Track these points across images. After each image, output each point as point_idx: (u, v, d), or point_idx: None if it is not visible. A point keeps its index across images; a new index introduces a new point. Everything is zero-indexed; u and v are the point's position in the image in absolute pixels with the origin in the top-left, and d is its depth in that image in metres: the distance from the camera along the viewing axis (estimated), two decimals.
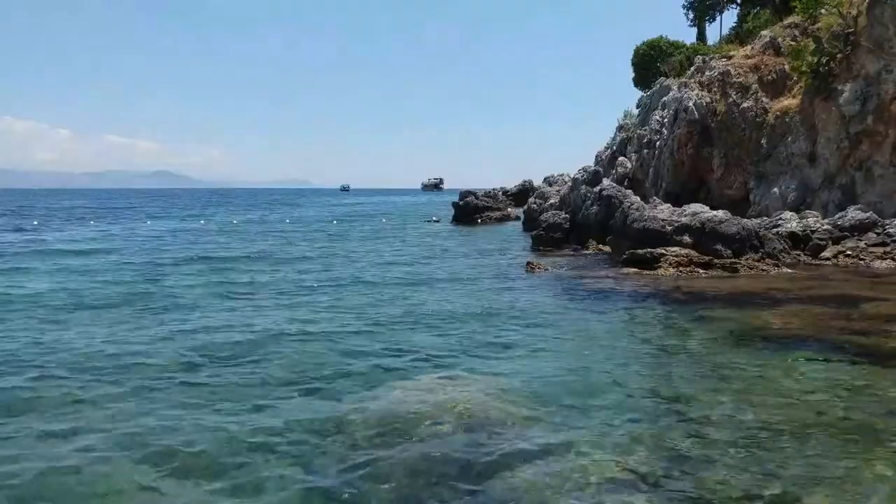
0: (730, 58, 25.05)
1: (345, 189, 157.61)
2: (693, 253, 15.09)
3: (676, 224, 15.94)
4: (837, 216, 17.57)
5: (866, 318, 9.61)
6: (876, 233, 16.45)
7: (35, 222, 35.65)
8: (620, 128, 34.11)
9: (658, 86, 30.18)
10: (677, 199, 21.74)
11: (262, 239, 26.16)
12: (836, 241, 16.51)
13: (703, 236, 15.60)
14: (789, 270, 14.65)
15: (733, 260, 14.87)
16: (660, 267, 14.75)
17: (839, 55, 19.50)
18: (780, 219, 18.12)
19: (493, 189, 45.38)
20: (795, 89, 22.10)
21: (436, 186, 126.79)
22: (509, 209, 37.06)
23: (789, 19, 24.01)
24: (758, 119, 22.51)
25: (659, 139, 27.08)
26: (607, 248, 18.52)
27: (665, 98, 27.55)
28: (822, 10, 20.65)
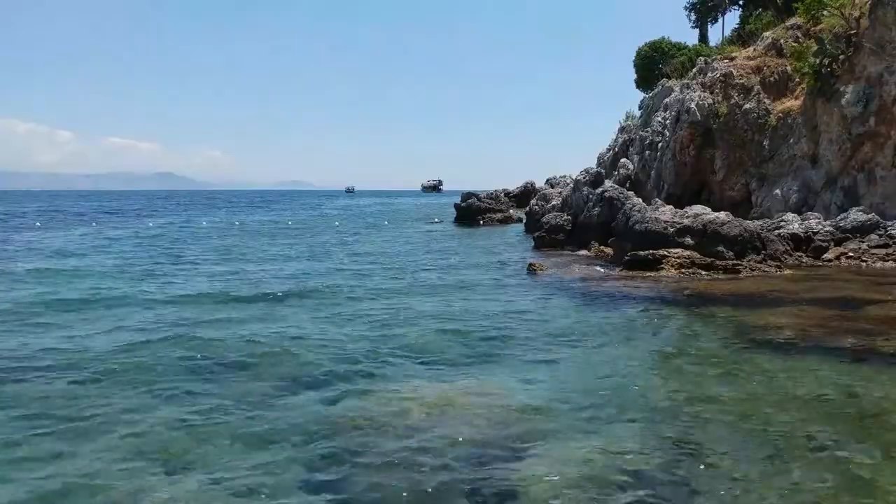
0: (732, 59, 25.05)
1: (350, 191, 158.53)
2: (695, 255, 15.09)
3: (678, 226, 15.93)
4: (839, 217, 17.56)
5: (869, 320, 9.61)
6: (878, 234, 16.44)
7: (38, 224, 35.72)
8: (622, 129, 34.15)
9: (660, 87, 30.20)
10: (679, 201, 21.75)
11: (268, 241, 26.18)
12: (839, 243, 16.50)
13: (705, 238, 15.59)
14: (791, 272, 14.64)
15: (735, 262, 14.86)
16: (662, 269, 14.75)
17: (841, 56, 19.51)
18: (782, 220, 18.12)
19: (495, 190, 45.36)
20: (797, 91, 22.11)
21: (435, 188, 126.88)
22: (511, 211, 37.03)
23: (791, 20, 24.01)
24: (760, 120, 22.51)
25: (661, 141, 27.09)
26: (609, 250, 18.51)
27: (667, 99, 27.56)
28: (825, 12, 20.65)
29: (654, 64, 36.05)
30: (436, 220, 37.88)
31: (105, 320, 9.89)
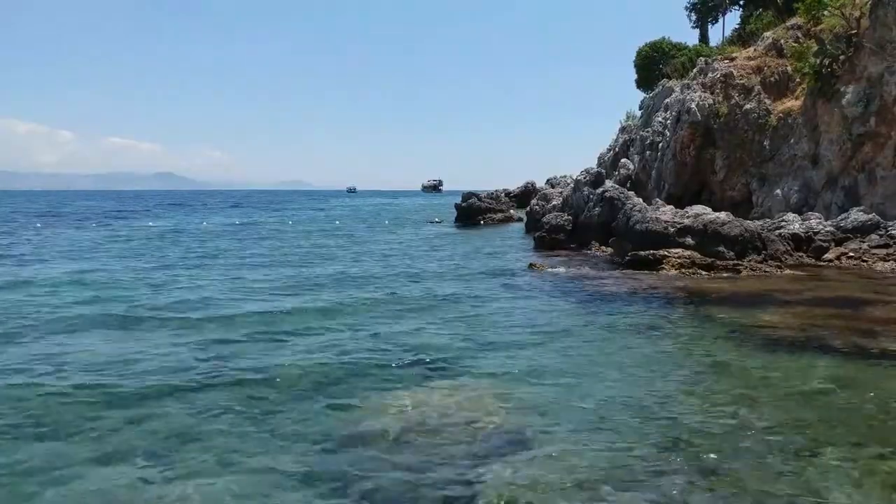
0: (732, 59, 25.06)
1: (351, 191, 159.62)
2: (695, 255, 15.09)
3: (679, 226, 15.94)
4: (840, 218, 17.56)
5: (870, 320, 9.62)
6: (878, 234, 16.44)
7: (38, 224, 35.72)
8: (623, 129, 34.18)
9: (660, 87, 30.23)
10: (680, 201, 21.76)
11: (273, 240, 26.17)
12: (839, 243, 16.51)
13: (706, 238, 15.60)
14: (792, 272, 14.65)
15: (736, 262, 14.87)
16: (662, 269, 14.76)
17: (842, 56, 19.51)
18: (783, 220, 18.13)
19: (496, 190, 45.41)
20: (798, 91, 22.12)
21: (435, 188, 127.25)
22: (512, 211, 37.04)
23: (792, 21, 24.03)
24: (760, 121, 22.52)
25: (661, 141, 27.10)
26: (609, 250, 18.53)
27: (668, 100, 27.58)
28: (825, 12, 20.65)
29: (654, 64, 36.13)
30: (436, 219, 37.88)
31: (103, 332, 9.88)
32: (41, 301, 11.30)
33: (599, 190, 21.13)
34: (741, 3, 36.05)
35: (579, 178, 23.30)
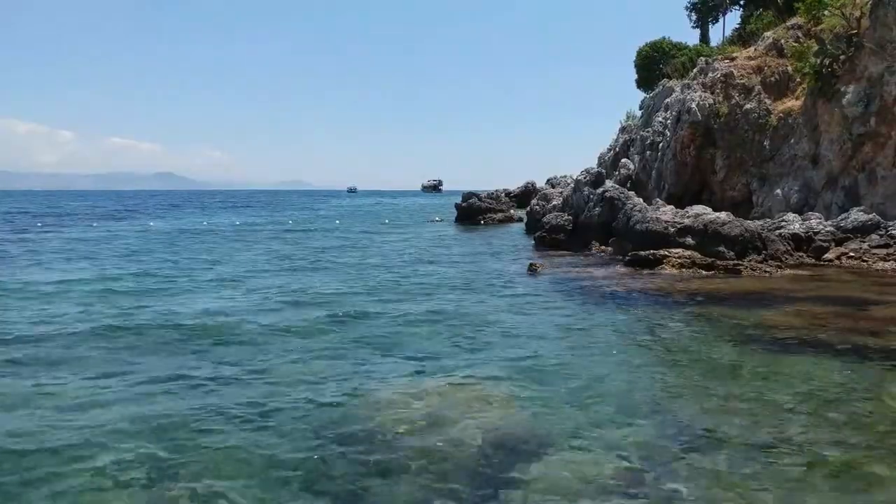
0: (733, 59, 25.06)
1: (352, 191, 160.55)
2: (696, 254, 15.10)
3: (679, 226, 15.95)
4: (840, 218, 17.55)
5: (870, 320, 9.61)
6: (879, 234, 16.43)
7: (39, 224, 35.73)
8: (623, 129, 34.17)
9: (661, 87, 30.21)
10: (680, 201, 21.76)
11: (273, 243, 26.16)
12: (839, 243, 16.50)
13: (706, 238, 15.60)
14: (792, 272, 14.64)
15: (736, 261, 14.87)
16: (662, 268, 14.76)
17: (842, 56, 19.50)
18: (783, 220, 18.12)
19: (496, 190, 45.38)
20: (798, 91, 22.11)
21: (435, 188, 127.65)
22: (512, 211, 37.03)
23: (792, 20, 24.02)
24: (760, 120, 22.51)
25: (662, 141, 27.09)
26: (610, 250, 18.53)
27: (668, 99, 27.56)
28: (825, 12, 20.64)
29: (654, 64, 36.11)
30: (436, 218, 37.90)
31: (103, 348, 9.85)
32: (34, 306, 11.20)
33: (600, 190, 21.12)
34: (741, 3, 36.04)
35: (579, 178, 23.28)
